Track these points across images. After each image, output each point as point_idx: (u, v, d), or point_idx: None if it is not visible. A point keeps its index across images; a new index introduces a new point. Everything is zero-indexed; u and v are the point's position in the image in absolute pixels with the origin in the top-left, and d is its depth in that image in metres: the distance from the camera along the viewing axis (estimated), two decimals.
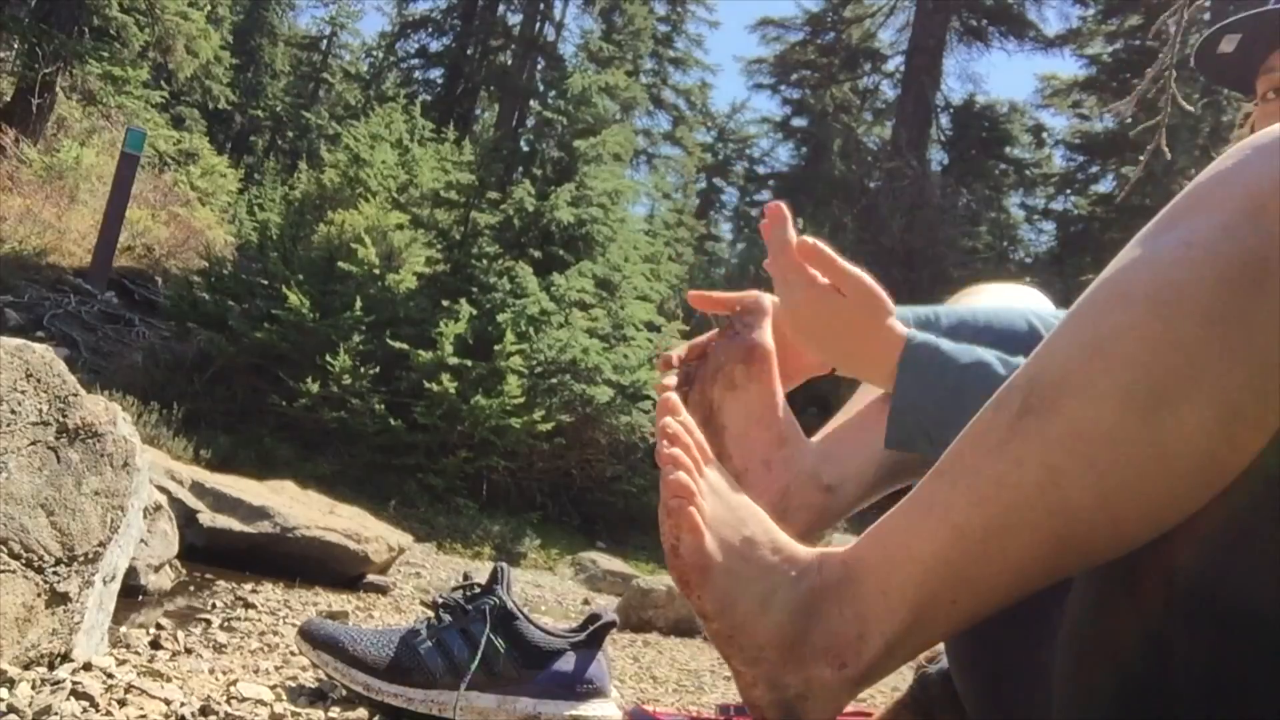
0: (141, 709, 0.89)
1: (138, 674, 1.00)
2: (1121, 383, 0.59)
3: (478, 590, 1.14)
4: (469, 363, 6.69)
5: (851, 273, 0.91)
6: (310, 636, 1.10)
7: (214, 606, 1.83)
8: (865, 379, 0.97)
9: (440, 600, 1.14)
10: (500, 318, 6.96)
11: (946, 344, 0.89)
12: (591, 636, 1.17)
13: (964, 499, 0.67)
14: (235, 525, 2.52)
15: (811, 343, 0.95)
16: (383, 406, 6.48)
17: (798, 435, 0.99)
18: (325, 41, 21.85)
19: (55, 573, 0.97)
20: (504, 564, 1.19)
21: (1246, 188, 0.58)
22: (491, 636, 1.07)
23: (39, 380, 0.99)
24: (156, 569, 1.92)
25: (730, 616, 0.67)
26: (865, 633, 0.68)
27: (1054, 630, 0.80)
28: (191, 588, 2.06)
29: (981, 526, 0.65)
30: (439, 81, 15.89)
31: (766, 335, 0.98)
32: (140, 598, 1.82)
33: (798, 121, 16.38)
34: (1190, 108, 0.80)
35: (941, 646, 1.04)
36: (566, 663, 1.12)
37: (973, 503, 0.66)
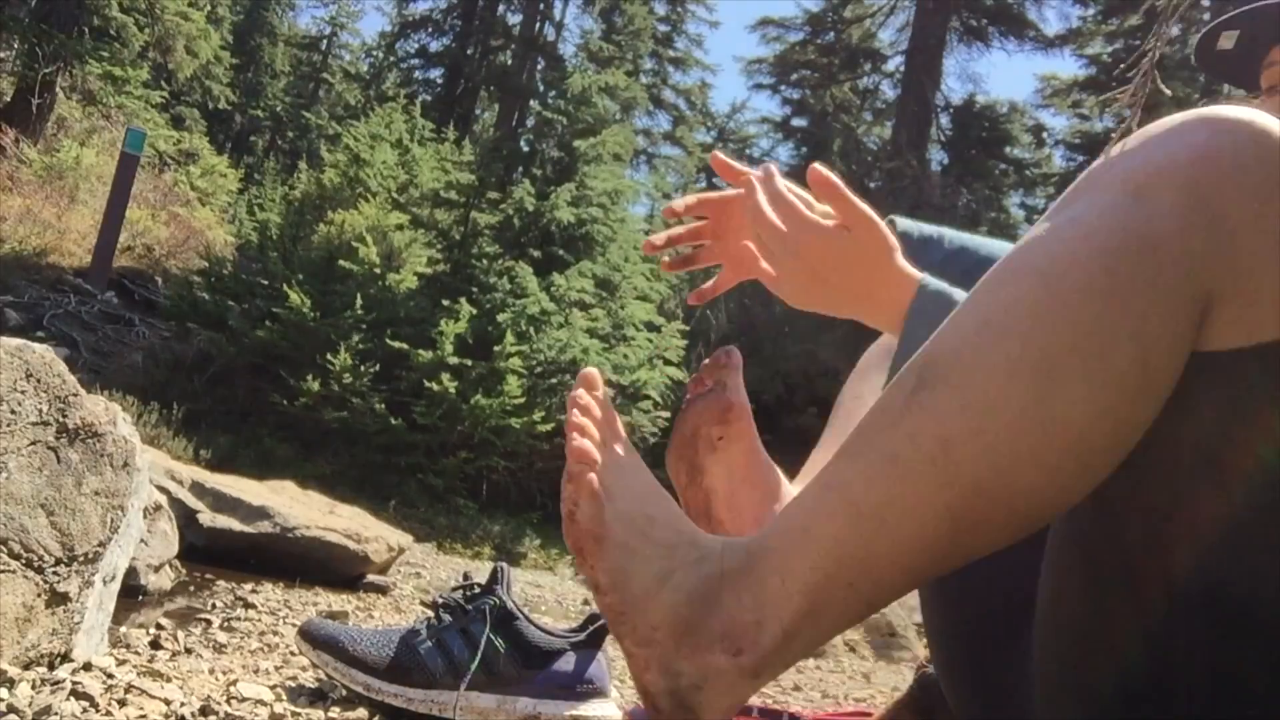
0: (141, 709, 0.89)
1: (138, 674, 1.00)
2: (1010, 354, 0.61)
3: (478, 590, 1.14)
4: (469, 362, 6.69)
5: (861, 208, 0.89)
6: (310, 636, 1.10)
7: (214, 606, 1.83)
8: (872, 323, 0.95)
9: (440, 600, 1.14)
10: (500, 318, 6.96)
11: (959, 293, 0.87)
12: (592, 636, 1.16)
13: (860, 476, 0.66)
14: (235, 525, 2.52)
15: (818, 285, 0.92)
16: (383, 406, 6.48)
17: (783, 486, 0.99)
18: (325, 41, 21.85)
19: (55, 573, 0.97)
20: (504, 564, 1.18)
21: (1130, 170, 0.60)
22: (491, 636, 1.07)
23: (39, 380, 0.99)
24: (156, 569, 1.92)
25: (623, 591, 0.65)
26: (763, 619, 0.66)
27: (1030, 637, 0.80)
28: (191, 588, 2.06)
29: (876, 504, 0.65)
30: (439, 81, 15.88)
31: (740, 391, 0.97)
32: (140, 598, 1.82)
33: (798, 121, 16.37)
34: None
35: None
36: (566, 663, 1.12)
37: (868, 479, 0.65)
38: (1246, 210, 0.57)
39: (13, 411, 0.96)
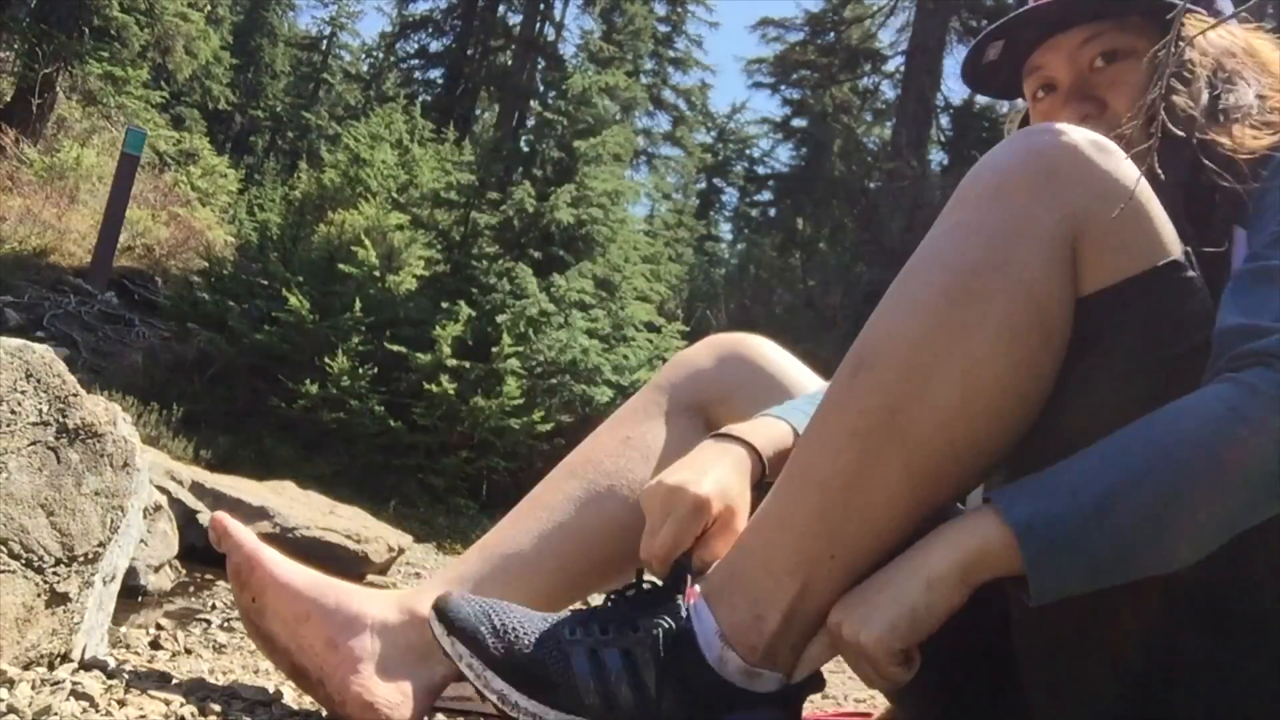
0: (141, 709, 0.89)
1: (138, 674, 1.00)
2: (929, 329, 0.74)
3: (651, 592, 0.86)
4: (467, 364, 6.69)
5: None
6: (447, 618, 0.85)
7: (214, 606, 1.83)
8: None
9: (611, 600, 0.87)
10: (499, 319, 6.95)
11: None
12: (786, 693, 0.83)
13: (821, 456, 0.77)
14: None
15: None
16: (382, 408, 6.48)
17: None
18: (325, 42, 21.85)
19: (55, 573, 0.97)
20: (687, 558, 0.85)
21: (987, 174, 0.77)
22: (661, 675, 0.80)
23: (39, 380, 0.99)
24: (156, 569, 1.92)
25: None
26: (762, 613, 0.76)
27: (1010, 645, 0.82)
28: (191, 588, 2.06)
29: (842, 477, 0.75)
30: (439, 82, 15.88)
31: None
32: (140, 598, 1.82)
33: (798, 122, 16.36)
34: (1180, 132, 0.81)
35: None
36: None
37: (830, 456, 0.76)
38: (1079, 173, 0.73)
39: (13, 411, 0.96)
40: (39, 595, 0.95)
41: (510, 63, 14.90)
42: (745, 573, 0.78)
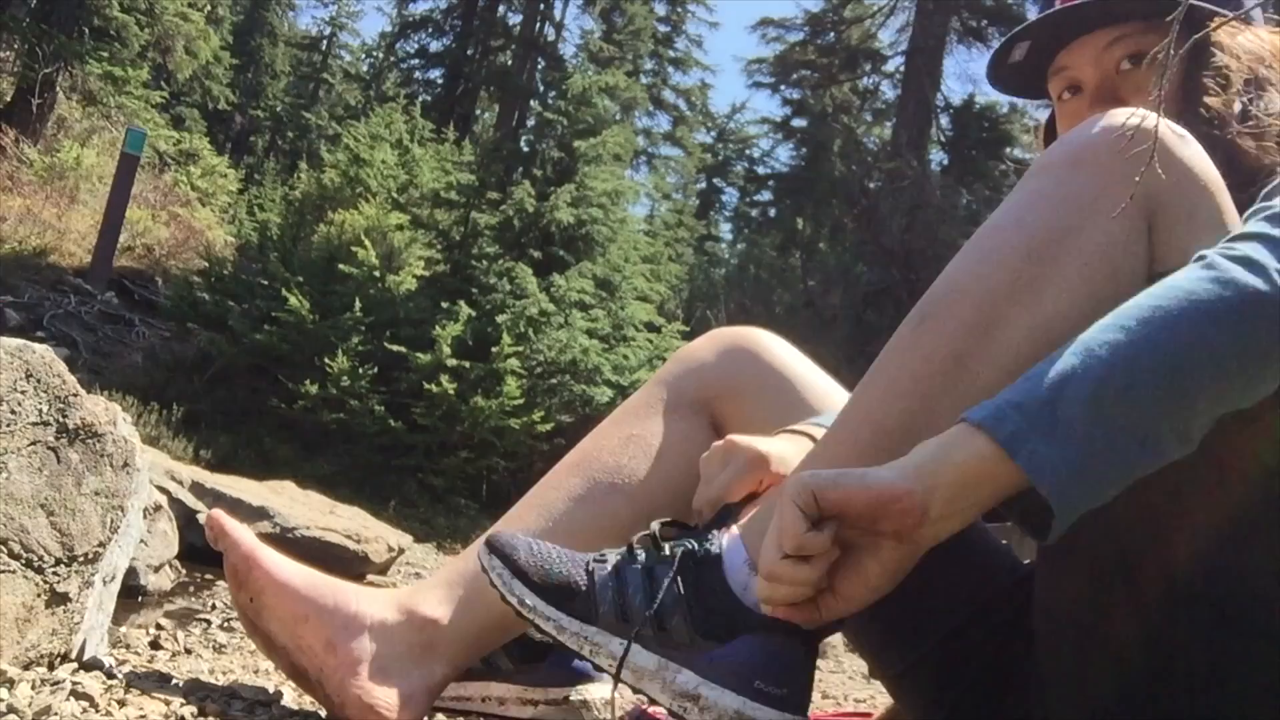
0: (141, 709, 0.89)
1: (138, 674, 1.00)
2: (1004, 278, 0.74)
3: (692, 532, 0.87)
4: (467, 364, 6.69)
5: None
6: (492, 544, 0.88)
7: (214, 606, 1.84)
8: None
9: (647, 533, 0.88)
10: (499, 319, 6.95)
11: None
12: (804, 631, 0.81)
13: (882, 396, 0.76)
14: None
15: None
16: (382, 408, 6.48)
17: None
18: (325, 42, 21.85)
19: (55, 573, 0.97)
20: (734, 505, 0.87)
21: (1069, 147, 0.78)
22: (675, 581, 0.82)
23: (39, 380, 0.99)
24: (156, 569, 1.92)
25: None
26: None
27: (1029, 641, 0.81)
28: (191, 588, 2.06)
29: (899, 420, 0.74)
30: (439, 82, 15.87)
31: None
32: (140, 598, 1.82)
33: (798, 122, 16.36)
34: (1182, 133, 0.82)
35: None
36: (751, 649, 0.79)
37: (891, 397, 0.75)
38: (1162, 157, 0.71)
39: (13, 411, 0.96)
40: (39, 595, 0.95)
41: (510, 63, 14.89)
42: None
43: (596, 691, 1.16)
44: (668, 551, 0.81)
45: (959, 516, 0.65)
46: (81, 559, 0.99)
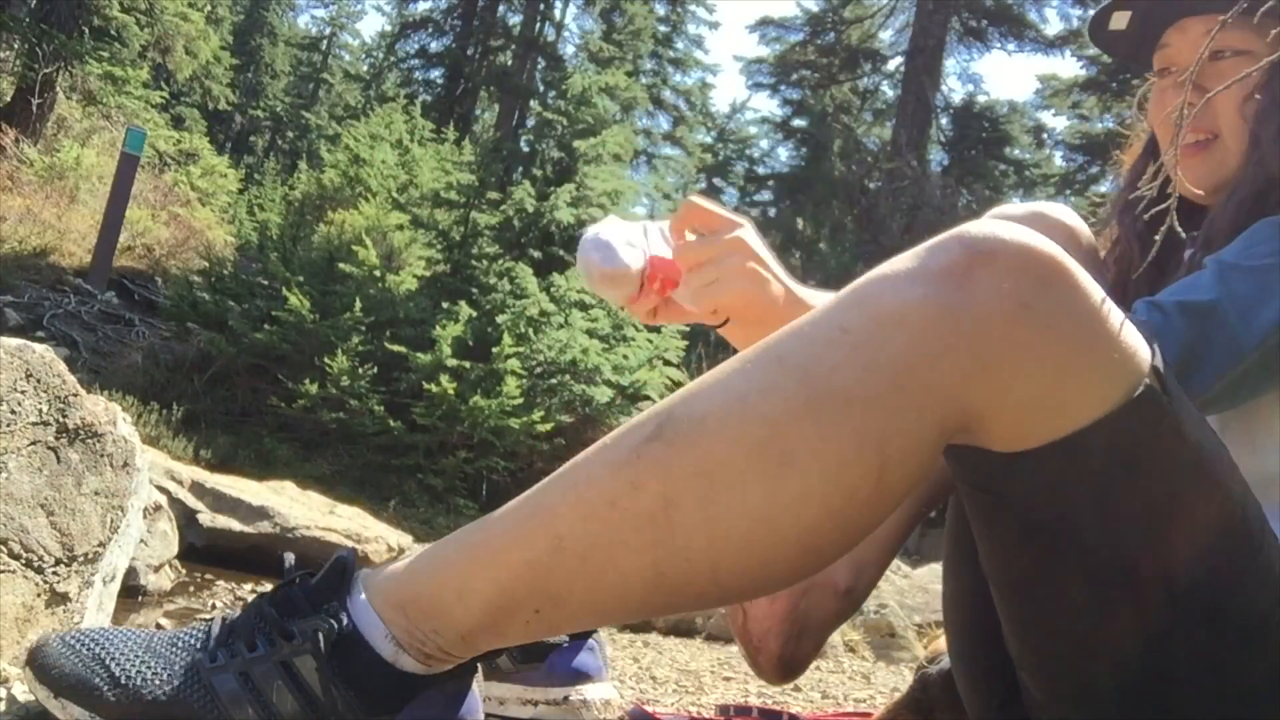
0: None
1: None
2: (756, 436, 0.61)
3: (306, 586, 0.77)
4: (467, 364, 6.69)
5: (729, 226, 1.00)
6: (48, 675, 0.71)
7: (214, 607, 1.83)
8: None
9: (240, 609, 0.78)
10: (499, 319, 6.96)
11: None
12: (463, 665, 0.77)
13: (572, 512, 0.65)
14: (235, 525, 2.52)
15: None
16: (382, 408, 6.48)
17: None
18: (325, 42, 21.87)
19: (55, 573, 0.97)
20: (351, 552, 0.77)
21: (897, 295, 0.61)
22: (327, 680, 0.72)
23: (39, 380, 0.99)
24: (156, 569, 1.92)
25: None
26: (439, 629, 0.68)
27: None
28: (191, 588, 2.06)
29: (583, 544, 0.64)
30: (439, 82, 15.88)
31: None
32: (140, 598, 1.82)
33: (798, 122, 16.37)
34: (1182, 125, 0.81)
35: (943, 646, 1.04)
36: (426, 709, 0.74)
37: (581, 517, 0.64)
38: (1001, 330, 0.59)
39: (13, 411, 0.96)
40: (39, 595, 0.95)
41: (510, 63, 14.90)
42: (433, 592, 0.69)
43: (596, 692, 1.16)
44: (298, 638, 0.70)
45: None
46: (81, 559, 0.99)
